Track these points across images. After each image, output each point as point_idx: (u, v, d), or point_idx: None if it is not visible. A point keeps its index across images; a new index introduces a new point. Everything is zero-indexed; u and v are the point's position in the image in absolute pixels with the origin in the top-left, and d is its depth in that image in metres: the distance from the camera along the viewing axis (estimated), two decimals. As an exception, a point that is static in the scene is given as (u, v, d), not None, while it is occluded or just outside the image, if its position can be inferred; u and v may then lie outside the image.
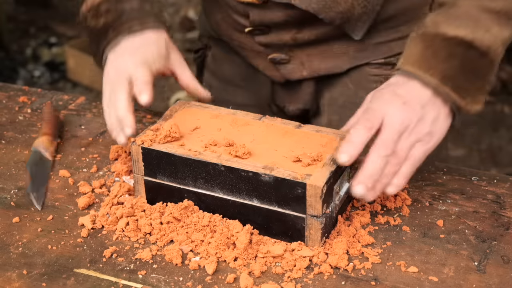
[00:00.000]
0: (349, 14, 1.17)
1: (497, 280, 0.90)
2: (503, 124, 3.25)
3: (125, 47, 1.12)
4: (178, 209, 0.99)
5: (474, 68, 1.00)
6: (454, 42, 0.99)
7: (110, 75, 1.11)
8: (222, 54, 1.38)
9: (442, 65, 0.99)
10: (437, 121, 0.99)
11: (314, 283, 0.90)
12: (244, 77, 1.37)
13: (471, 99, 1.00)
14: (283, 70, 1.28)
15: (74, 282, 0.91)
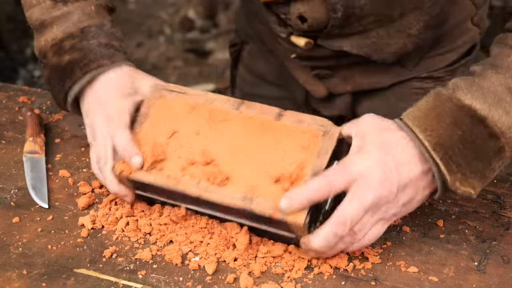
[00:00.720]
0: (401, 52, 1.18)
1: (497, 280, 0.90)
2: (503, 124, 3.24)
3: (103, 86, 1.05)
4: (175, 212, 0.99)
5: (478, 147, 0.90)
6: (465, 111, 0.90)
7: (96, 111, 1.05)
8: (258, 51, 1.38)
9: (441, 131, 0.90)
10: (409, 203, 0.92)
11: (314, 283, 0.90)
12: (279, 77, 1.37)
13: (461, 178, 0.90)
14: (328, 84, 1.28)
15: (74, 282, 0.91)
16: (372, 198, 0.87)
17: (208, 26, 4.08)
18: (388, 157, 0.89)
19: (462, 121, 0.90)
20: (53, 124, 1.25)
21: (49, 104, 1.31)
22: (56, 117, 1.27)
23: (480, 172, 0.90)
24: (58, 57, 1.08)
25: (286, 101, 1.30)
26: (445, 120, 0.91)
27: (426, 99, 0.94)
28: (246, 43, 1.41)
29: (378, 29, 1.17)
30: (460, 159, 0.90)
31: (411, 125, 0.91)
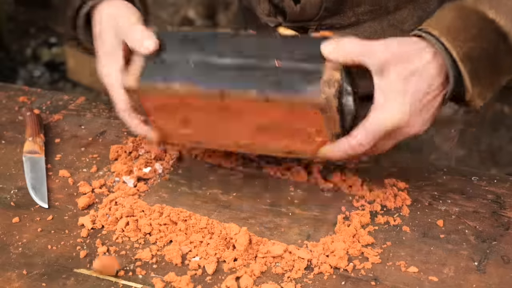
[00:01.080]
0: None
1: (497, 280, 0.90)
2: (503, 124, 3.25)
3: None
4: (175, 212, 0.99)
5: (498, 62, 0.93)
6: (490, 26, 0.91)
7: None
8: None
9: (469, 42, 0.90)
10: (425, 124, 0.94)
11: (314, 283, 0.90)
12: None
13: (479, 91, 0.92)
14: None
15: (74, 282, 0.91)
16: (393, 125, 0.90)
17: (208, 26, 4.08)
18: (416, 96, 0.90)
19: (488, 36, 0.91)
20: (53, 124, 1.25)
21: (49, 104, 1.32)
22: (56, 117, 1.27)
23: (495, 86, 0.93)
24: None
25: None
26: (472, 32, 0.90)
27: (446, 10, 0.93)
28: None
29: (371, 22, 1.14)
30: (483, 72, 0.91)
31: (438, 34, 0.91)
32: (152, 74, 0.94)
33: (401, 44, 0.92)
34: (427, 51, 0.92)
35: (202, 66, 0.92)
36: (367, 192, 1.06)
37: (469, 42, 0.90)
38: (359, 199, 1.05)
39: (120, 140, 1.20)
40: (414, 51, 0.92)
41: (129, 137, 1.20)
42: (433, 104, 0.93)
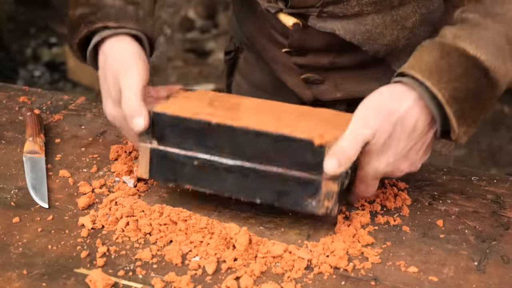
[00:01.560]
0: (394, 46, 1.15)
1: (497, 280, 0.91)
2: (503, 124, 3.25)
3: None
4: (175, 212, 0.99)
5: (482, 99, 0.92)
6: (473, 63, 0.91)
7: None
8: (254, 60, 1.36)
9: (454, 83, 0.90)
10: (418, 161, 0.98)
11: (314, 283, 0.90)
12: (272, 85, 1.35)
13: (464, 130, 0.93)
14: (315, 90, 1.25)
15: (74, 282, 0.91)
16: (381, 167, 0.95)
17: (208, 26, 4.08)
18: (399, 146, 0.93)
19: (471, 73, 0.90)
20: (53, 124, 1.25)
21: (49, 104, 1.32)
22: (56, 117, 1.27)
23: (477, 122, 0.94)
24: (74, 9, 1.09)
25: None
26: (456, 71, 0.90)
27: (427, 50, 0.93)
28: (241, 51, 1.39)
29: (374, 15, 1.12)
30: (468, 112, 0.91)
31: (422, 78, 0.91)
32: (159, 170, 1.01)
33: (381, 97, 0.94)
34: (407, 96, 0.92)
35: (206, 167, 0.97)
36: (367, 192, 1.06)
37: (454, 83, 0.90)
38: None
39: (120, 140, 1.20)
40: (393, 101, 0.93)
41: (129, 137, 1.20)
42: (421, 145, 0.95)
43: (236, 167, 0.96)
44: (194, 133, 0.96)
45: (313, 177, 0.93)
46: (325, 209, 0.94)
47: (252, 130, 0.93)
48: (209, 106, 1.01)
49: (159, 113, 0.98)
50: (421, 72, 0.91)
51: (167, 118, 0.97)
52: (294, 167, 0.93)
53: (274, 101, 1.05)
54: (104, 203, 1.04)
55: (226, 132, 0.94)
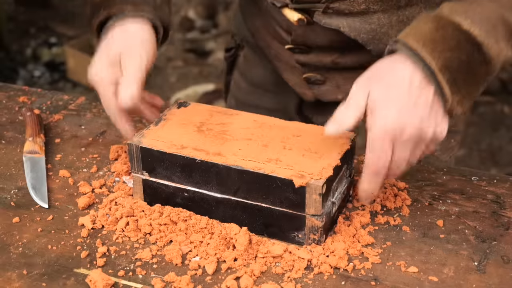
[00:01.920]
0: None
1: (497, 280, 0.90)
2: (503, 124, 3.25)
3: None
4: (175, 212, 0.99)
5: (474, 72, 0.95)
6: (466, 36, 0.94)
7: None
8: (254, 57, 1.36)
9: (448, 53, 0.93)
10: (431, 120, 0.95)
11: (314, 283, 0.90)
12: (273, 83, 1.35)
13: (458, 99, 0.94)
14: (316, 90, 1.25)
15: (74, 282, 0.91)
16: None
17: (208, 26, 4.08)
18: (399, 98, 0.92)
19: (464, 46, 0.93)
20: (53, 124, 1.25)
21: (49, 104, 1.32)
22: (56, 117, 1.27)
23: (472, 94, 0.96)
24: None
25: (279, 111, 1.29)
26: (450, 43, 0.93)
27: (424, 21, 0.96)
28: (241, 48, 1.40)
29: (381, 14, 1.12)
30: (461, 82, 0.94)
31: (417, 47, 0.93)
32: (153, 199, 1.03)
33: (376, 66, 0.96)
34: (401, 61, 0.94)
35: (196, 199, 0.99)
36: (367, 192, 1.06)
37: (447, 53, 0.93)
38: (359, 199, 1.05)
39: (120, 140, 1.20)
40: (387, 65, 0.95)
41: (129, 137, 1.20)
42: (425, 100, 0.93)
43: (224, 200, 0.97)
44: (181, 168, 0.98)
45: (297, 213, 0.94)
46: (312, 240, 0.95)
47: (235, 168, 0.94)
48: (198, 132, 1.02)
49: (147, 148, 0.99)
50: (416, 41, 0.93)
51: (155, 153, 0.99)
52: (277, 203, 0.95)
53: (264, 118, 1.05)
54: (104, 203, 1.04)
55: (211, 168, 0.96)
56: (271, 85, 1.36)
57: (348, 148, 0.99)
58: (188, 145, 0.99)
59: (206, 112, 1.07)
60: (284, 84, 1.31)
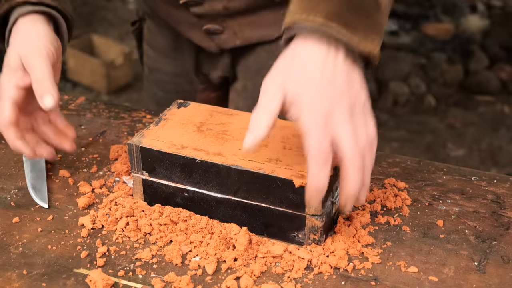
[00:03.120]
0: None
1: (497, 280, 0.91)
2: (503, 124, 3.25)
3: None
4: (175, 212, 0.99)
5: (360, 7, 0.91)
6: None
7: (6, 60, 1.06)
8: (155, 27, 1.45)
9: (324, 4, 0.89)
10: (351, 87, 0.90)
11: (314, 283, 0.90)
12: (172, 49, 1.44)
13: (362, 36, 0.89)
14: (218, 40, 1.33)
15: (74, 282, 0.91)
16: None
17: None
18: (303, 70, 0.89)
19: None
20: (53, 124, 1.25)
21: (49, 104, 1.32)
22: (56, 117, 1.27)
23: (373, 28, 0.92)
24: None
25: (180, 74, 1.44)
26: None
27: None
28: (144, 20, 1.49)
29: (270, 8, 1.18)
30: (353, 20, 0.89)
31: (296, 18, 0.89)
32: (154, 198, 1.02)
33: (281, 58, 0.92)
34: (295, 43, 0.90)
35: (196, 198, 0.99)
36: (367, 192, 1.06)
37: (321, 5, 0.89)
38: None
39: (120, 140, 1.20)
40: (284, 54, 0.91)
41: (129, 137, 1.20)
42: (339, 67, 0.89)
43: (224, 200, 0.97)
44: (181, 168, 0.98)
45: (297, 213, 0.94)
46: (312, 240, 0.95)
47: (235, 168, 0.94)
48: (198, 132, 1.02)
49: (147, 148, 0.99)
50: (298, 14, 0.90)
51: (155, 153, 0.99)
52: (277, 203, 0.94)
53: None
54: (104, 203, 1.03)
55: (211, 168, 0.96)
56: (170, 51, 1.45)
57: None
58: (188, 145, 0.99)
59: (206, 112, 1.07)
60: (180, 49, 1.42)
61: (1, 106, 1.03)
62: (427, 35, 3.89)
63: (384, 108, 3.35)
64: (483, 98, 3.44)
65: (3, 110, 1.03)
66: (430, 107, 3.39)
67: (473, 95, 3.47)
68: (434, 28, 3.93)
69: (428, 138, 3.16)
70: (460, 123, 3.26)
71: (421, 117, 3.32)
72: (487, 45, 3.73)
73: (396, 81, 3.47)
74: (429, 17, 4.01)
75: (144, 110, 1.29)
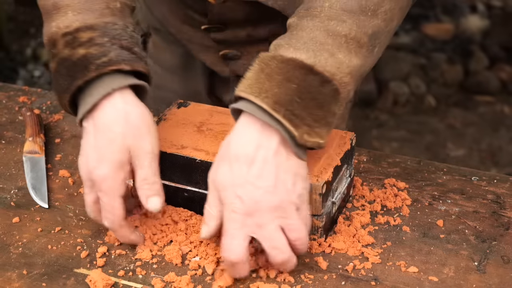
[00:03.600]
0: None
1: (497, 280, 0.90)
2: (503, 124, 3.25)
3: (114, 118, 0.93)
4: (176, 212, 0.99)
5: (314, 96, 0.87)
6: (292, 65, 0.87)
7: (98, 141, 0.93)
8: (163, 42, 1.36)
9: (276, 89, 0.86)
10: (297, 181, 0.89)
11: (314, 283, 0.90)
12: (182, 68, 1.36)
13: (308, 130, 0.87)
14: (234, 66, 1.25)
15: (74, 282, 0.91)
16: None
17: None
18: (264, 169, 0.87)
19: (292, 75, 0.87)
20: (53, 124, 1.25)
21: (49, 104, 1.32)
22: (56, 117, 1.27)
23: (323, 119, 0.88)
24: (71, 49, 0.94)
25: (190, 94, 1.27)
26: (276, 78, 0.87)
27: (251, 68, 0.90)
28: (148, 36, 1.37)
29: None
30: (301, 111, 0.87)
31: (246, 95, 0.87)
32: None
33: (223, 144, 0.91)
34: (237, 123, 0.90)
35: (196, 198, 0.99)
36: (367, 192, 1.06)
37: (275, 89, 0.87)
38: (359, 199, 1.05)
39: (120, 140, 1.20)
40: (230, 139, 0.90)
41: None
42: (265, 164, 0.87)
43: None
44: (181, 168, 0.98)
45: None
46: (312, 240, 0.95)
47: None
48: (198, 132, 1.02)
49: None
50: (244, 90, 0.88)
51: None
52: None
53: None
54: (104, 203, 1.03)
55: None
56: (180, 70, 1.36)
57: (348, 148, 0.99)
58: (188, 145, 0.99)
59: (206, 112, 1.07)
60: (192, 68, 1.32)
61: (112, 204, 0.92)
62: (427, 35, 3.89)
63: (384, 108, 3.35)
64: (483, 98, 3.43)
65: (115, 209, 0.92)
66: (430, 107, 3.39)
67: (473, 95, 3.46)
68: (434, 28, 3.93)
69: (428, 138, 3.16)
70: (460, 123, 3.26)
71: (421, 117, 3.32)
72: (487, 45, 3.73)
73: (396, 81, 3.47)
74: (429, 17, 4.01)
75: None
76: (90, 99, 0.93)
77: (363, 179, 1.09)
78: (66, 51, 0.94)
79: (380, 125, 3.32)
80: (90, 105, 0.93)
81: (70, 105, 0.96)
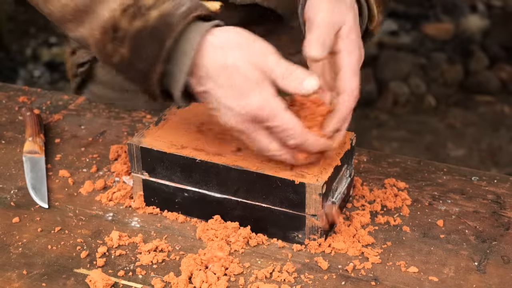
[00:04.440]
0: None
1: (497, 280, 0.90)
2: (503, 124, 3.25)
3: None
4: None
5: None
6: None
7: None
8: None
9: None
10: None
11: (314, 283, 0.90)
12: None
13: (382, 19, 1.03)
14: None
15: (74, 282, 0.91)
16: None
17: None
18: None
19: None
20: (53, 124, 1.25)
21: (49, 104, 1.32)
22: (56, 117, 1.27)
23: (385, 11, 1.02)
24: (141, 18, 0.88)
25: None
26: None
27: None
28: (96, 60, 1.29)
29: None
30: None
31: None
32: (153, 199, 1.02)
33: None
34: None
35: (196, 199, 0.99)
36: (367, 192, 1.06)
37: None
38: (359, 199, 1.05)
39: (120, 140, 1.20)
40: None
41: (129, 137, 1.20)
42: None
43: (224, 200, 0.97)
44: (181, 168, 0.98)
45: (297, 213, 0.94)
46: (312, 240, 0.95)
47: (235, 168, 0.94)
48: (198, 132, 1.02)
49: (147, 148, 0.99)
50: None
51: (155, 153, 0.99)
52: (277, 203, 0.94)
53: None
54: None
55: (211, 168, 0.96)
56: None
57: (348, 148, 0.99)
58: (188, 145, 0.99)
59: (206, 112, 1.07)
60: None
61: (287, 119, 0.88)
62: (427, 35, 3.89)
63: (384, 108, 3.35)
64: (483, 98, 3.44)
65: (290, 121, 0.88)
66: (430, 107, 3.39)
67: (473, 95, 3.47)
68: (434, 28, 3.93)
69: (428, 138, 3.16)
70: (460, 123, 3.26)
71: (421, 117, 3.32)
72: (487, 45, 3.73)
73: (396, 81, 3.48)
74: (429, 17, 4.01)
75: (144, 110, 1.29)
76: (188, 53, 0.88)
77: (363, 179, 1.09)
78: (137, 23, 0.88)
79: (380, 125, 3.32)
80: (190, 59, 0.88)
81: (159, 82, 0.90)
